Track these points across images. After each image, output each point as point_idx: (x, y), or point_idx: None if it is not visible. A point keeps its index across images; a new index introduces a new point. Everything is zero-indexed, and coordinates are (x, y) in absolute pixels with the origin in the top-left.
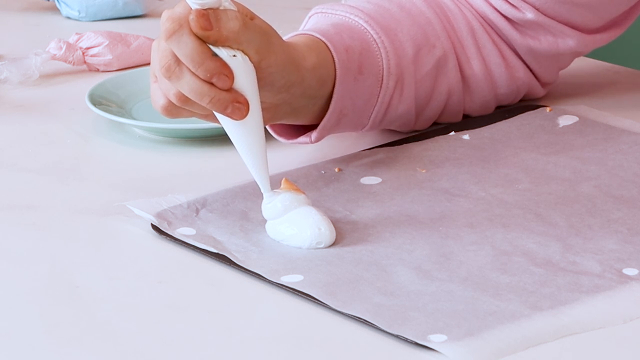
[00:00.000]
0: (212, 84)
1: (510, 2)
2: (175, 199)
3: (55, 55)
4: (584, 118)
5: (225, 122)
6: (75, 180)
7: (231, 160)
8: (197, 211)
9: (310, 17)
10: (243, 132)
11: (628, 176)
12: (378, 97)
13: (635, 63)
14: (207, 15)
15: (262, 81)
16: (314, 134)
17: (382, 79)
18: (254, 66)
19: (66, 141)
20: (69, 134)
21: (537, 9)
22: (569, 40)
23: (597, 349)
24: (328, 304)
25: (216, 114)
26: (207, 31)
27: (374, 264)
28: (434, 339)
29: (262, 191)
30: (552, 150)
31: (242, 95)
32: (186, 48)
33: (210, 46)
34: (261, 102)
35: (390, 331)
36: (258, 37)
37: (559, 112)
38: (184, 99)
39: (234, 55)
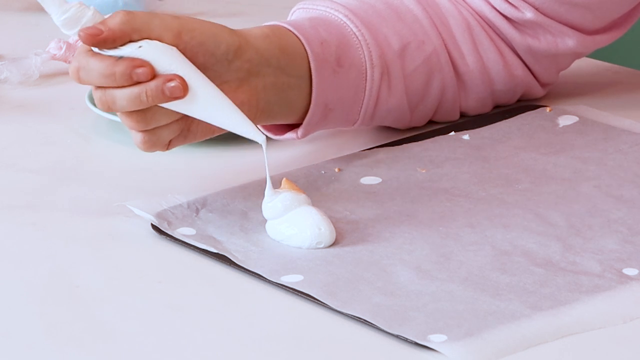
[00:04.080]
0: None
1: (510, 1)
2: (175, 199)
3: (55, 55)
4: (584, 118)
5: (189, 108)
6: (75, 180)
7: (231, 160)
8: (197, 211)
9: (292, 13)
10: (204, 103)
11: (628, 176)
12: (365, 90)
13: (635, 63)
14: (91, 27)
15: (198, 54)
16: (300, 130)
17: (366, 71)
18: (173, 43)
19: (66, 141)
20: (69, 134)
21: (537, 9)
22: (568, 41)
23: (597, 349)
24: (328, 304)
25: (180, 110)
26: (100, 35)
27: (374, 264)
28: (434, 339)
29: (257, 140)
30: (552, 150)
31: (170, 75)
32: (94, 72)
33: (115, 53)
34: (230, 81)
35: (390, 331)
36: (151, 18)
37: (559, 112)
38: (141, 117)
39: (140, 47)
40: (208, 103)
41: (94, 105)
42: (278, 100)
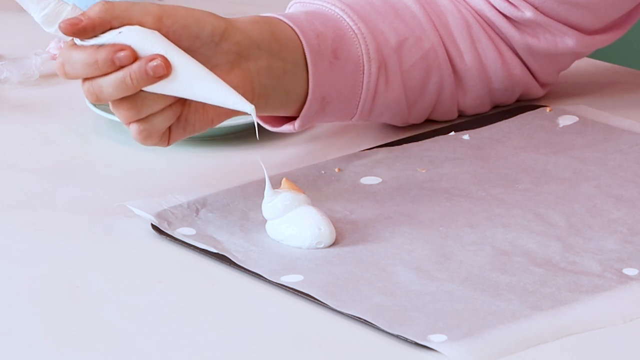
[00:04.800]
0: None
1: (509, 0)
2: (175, 199)
3: (55, 55)
4: (584, 118)
5: (175, 87)
6: (75, 180)
7: (231, 161)
8: (197, 211)
9: (289, 8)
10: (189, 80)
11: (628, 176)
12: (362, 84)
13: (635, 63)
14: (71, 18)
15: (182, 37)
16: (297, 122)
17: (363, 65)
18: (154, 28)
19: (66, 141)
20: (69, 134)
21: (536, 8)
22: (568, 40)
23: (597, 349)
24: (328, 304)
25: (166, 91)
26: (80, 24)
27: (374, 264)
28: (434, 339)
29: (246, 109)
30: (552, 150)
31: (151, 55)
32: (78, 63)
33: (96, 42)
34: (220, 64)
35: (390, 331)
36: (131, 5)
37: (559, 112)
38: (132, 104)
39: (120, 32)
40: (193, 79)
41: (94, 105)
42: (275, 86)
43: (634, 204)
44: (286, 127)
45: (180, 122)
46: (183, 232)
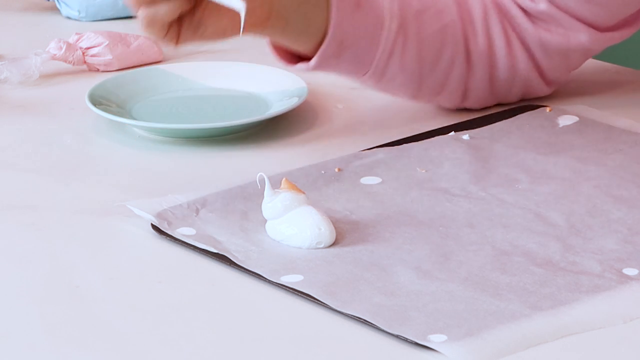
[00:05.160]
0: None
1: None
2: (175, 199)
3: (55, 55)
4: (584, 118)
5: None
6: (75, 180)
7: (231, 161)
8: (197, 211)
9: None
10: None
11: (628, 176)
12: (381, 39)
13: (636, 63)
14: None
15: None
16: (313, 60)
17: (384, 20)
18: None
19: (66, 141)
20: (69, 134)
21: (550, 1)
22: (580, 35)
23: (597, 349)
24: (328, 304)
25: None
26: None
27: (374, 264)
28: (434, 339)
29: (236, 6)
30: (552, 150)
31: None
32: None
33: None
34: None
35: (390, 331)
36: None
37: (559, 112)
38: None
39: None
40: None
41: (94, 105)
42: (295, 9)
43: (634, 204)
44: (300, 66)
45: (193, 22)
46: (183, 232)
